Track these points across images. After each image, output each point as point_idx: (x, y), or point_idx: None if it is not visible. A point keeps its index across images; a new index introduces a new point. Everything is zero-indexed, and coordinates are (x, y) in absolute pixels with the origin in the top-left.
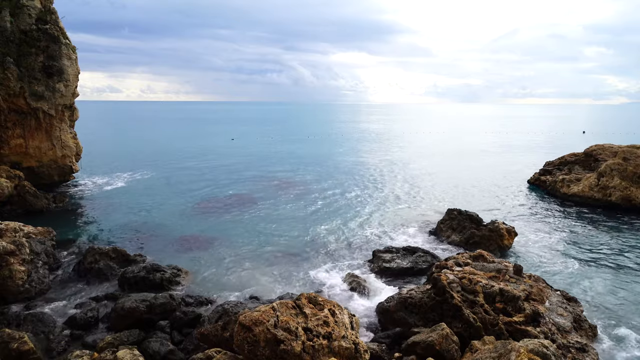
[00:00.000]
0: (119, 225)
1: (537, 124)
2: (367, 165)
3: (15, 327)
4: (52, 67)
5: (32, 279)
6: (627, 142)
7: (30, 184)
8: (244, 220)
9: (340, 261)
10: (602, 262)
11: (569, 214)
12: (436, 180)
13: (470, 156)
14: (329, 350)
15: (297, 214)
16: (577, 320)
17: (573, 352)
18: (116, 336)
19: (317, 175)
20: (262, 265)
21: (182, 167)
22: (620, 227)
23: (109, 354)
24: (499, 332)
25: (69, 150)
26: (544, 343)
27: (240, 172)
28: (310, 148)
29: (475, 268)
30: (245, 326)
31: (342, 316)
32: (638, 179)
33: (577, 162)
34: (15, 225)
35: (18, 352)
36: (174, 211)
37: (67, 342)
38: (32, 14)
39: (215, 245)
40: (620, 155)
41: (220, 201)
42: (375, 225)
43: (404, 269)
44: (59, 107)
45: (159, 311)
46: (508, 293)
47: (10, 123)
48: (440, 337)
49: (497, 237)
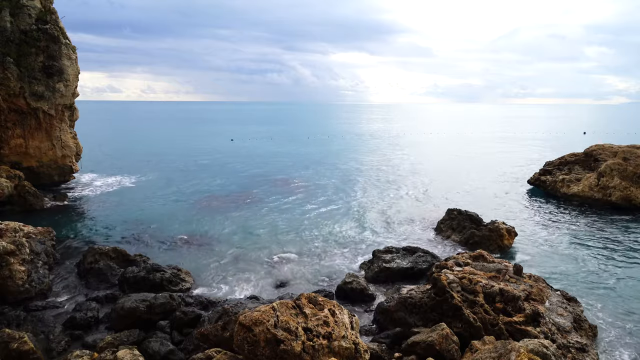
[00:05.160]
0: (119, 225)
1: (537, 124)
2: (367, 166)
3: (15, 327)
4: (52, 67)
5: (32, 279)
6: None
7: (30, 184)
8: (243, 220)
9: (340, 261)
10: (602, 262)
11: (569, 214)
12: (436, 180)
13: (470, 156)
14: (329, 350)
15: (296, 214)
16: (577, 320)
17: (573, 352)
18: (116, 336)
19: (317, 175)
20: (262, 265)
21: (182, 167)
22: (620, 227)
23: (109, 354)
24: (499, 332)
25: (69, 150)
26: (544, 343)
27: (240, 172)
28: (310, 148)
29: (475, 268)
30: (245, 326)
31: (342, 316)
32: (638, 179)
33: (577, 162)
34: (15, 225)
35: (18, 352)
36: (174, 211)
37: (67, 342)
38: (32, 14)
39: (215, 245)
40: (620, 155)
41: (220, 201)
42: (375, 225)
43: (404, 269)
44: (59, 107)
45: (159, 311)
46: (508, 293)
47: (10, 123)
48: (440, 337)
49: (497, 237)
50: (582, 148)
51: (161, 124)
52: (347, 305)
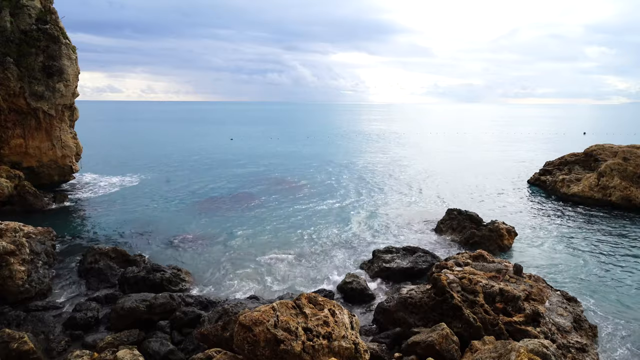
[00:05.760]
0: (119, 225)
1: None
2: (367, 165)
3: (15, 327)
4: (52, 67)
5: (32, 279)
6: (627, 142)
7: (30, 184)
8: (243, 220)
9: (340, 261)
10: (602, 262)
11: (568, 214)
12: (436, 180)
13: (470, 156)
14: (329, 350)
15: (296, 214)
16: (577, 320)
17: (573, 352)
18: (116, 336)
19: (316, 175)
20: (262, 265)
21: (181, 167)
22: (620, 227)
23: (109, 354)
24: (499, 332)
25: (69, 150)
26: (544, 343)
27: (240, 172)
28: (310, 148)
29: (475, 268)
30: (245, 326)
31: (342, 316)
32: (638, 179)
33: (577, 162)
34: (15, 225)
35: (18, 352)
36: (174, 211)
37: (67, 342)
38: (32, 14)
39: (215, 245)
40: (620, 155)
41: (220, 201)
42: (375, 225)
43: (404, 269)
44: (59, 107)
45: (159, 311)
46: (508, 293)
47: (10, 123)
48: (440, 337)
49: (497, 237)
50: (582, 148)
51: (161, 124)
52: (347, 305)
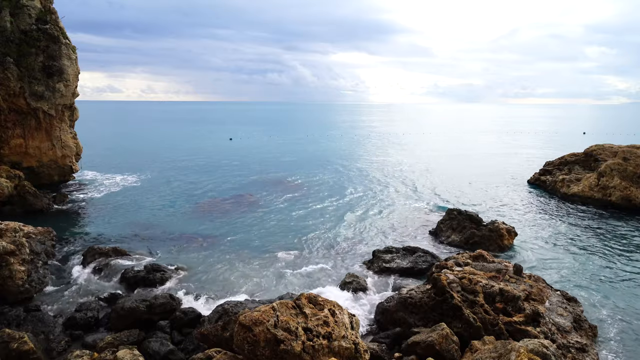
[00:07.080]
0: (119, 225)
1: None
2: (367, 165)
3: (15, 327)
4: (52, 67)
5: (32, 279)
6: (627, 142)
7: (30, 184)
8: (244, 220)
9: (340, 261)
10: (602, 262)
11: (569, 214)
12: (436, 180)
13: (470, 156)
14: (329, 350)
15: (296, 214)
16: (577, 320)
17: (573, 352)
18: (116, 336)
19: (316, 175)
20: (262, 265)
21: (181, 167)
22: (620, 227)
23: (109, 354)
24: (499, 332)
25: (69, 150)
26: (544, 343)
27: (239, 172)
28: (310, 148)
29: (475, 268)
30: (245, 326)
31: (342, 316)
32: (638, 179)
33: (577, 162)
34: (15, 225)
35: (18, 352)
36: (173, 211)
37: (67, 342)
38: (32, 14)
39: (215, 245)
40: (620, 155)
41: (219, 201)
42: (375, 225)
43: (404, 269)
44: (59, 107)
45: (159, 311)
46: (508, 293)
47: (10, 123)
48: (440, 337)
49: (497, 237)
50: (582, 148)
51: (161, 124)
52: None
